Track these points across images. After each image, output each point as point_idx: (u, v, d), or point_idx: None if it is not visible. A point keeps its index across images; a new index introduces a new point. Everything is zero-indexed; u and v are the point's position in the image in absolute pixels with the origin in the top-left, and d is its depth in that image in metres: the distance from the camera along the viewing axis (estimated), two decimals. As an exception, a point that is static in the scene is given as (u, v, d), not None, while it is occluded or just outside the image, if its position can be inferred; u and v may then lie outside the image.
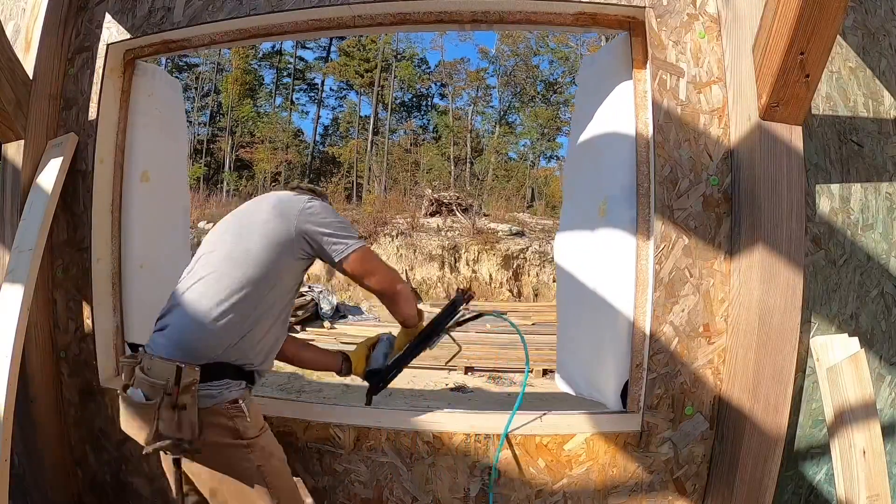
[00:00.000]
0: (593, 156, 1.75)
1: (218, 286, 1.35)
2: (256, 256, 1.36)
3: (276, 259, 1.38)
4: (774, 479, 1.40)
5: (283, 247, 1.39)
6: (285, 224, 1.40)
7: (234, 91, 27.51)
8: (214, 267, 1.38)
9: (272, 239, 1.38)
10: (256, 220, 1.42)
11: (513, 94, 29.59)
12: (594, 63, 1.83)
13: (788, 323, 1.36)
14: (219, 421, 1.30)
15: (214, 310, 1.33)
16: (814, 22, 1.18)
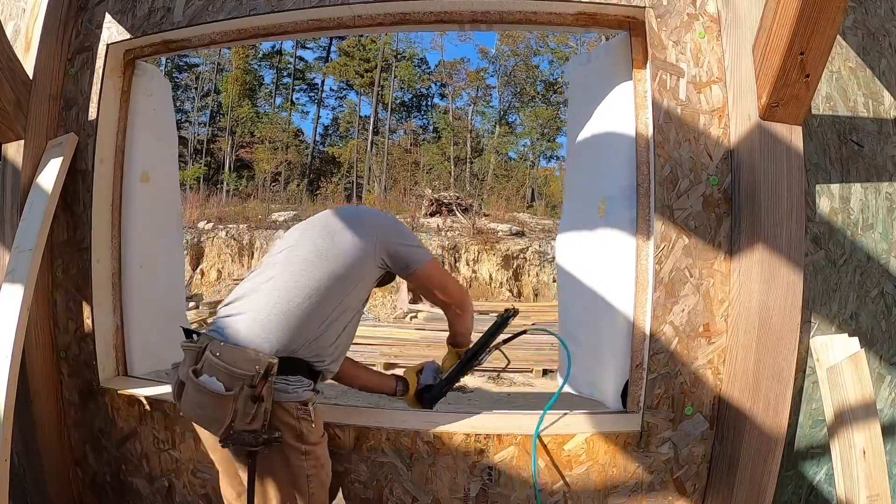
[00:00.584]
0: (592, 156, 1.75)
1: (304, 278, 1.37)
2: (343, 256, 1.41)
3: (360, 264, 1.43)
4: (774, 479, 1.40)
5: (365, 253, 1.44)
6: (368, 232, 1.46)
7: (234, 91, 27.51)
8: (300, 260, 1.41)
9: (357, 244, 1.44)
10: (342, 225, 1.48)
11: (513, 94, 29.60)
12: (589, 62, 1.82)
13: (788, 323, 1.36)
14: (286, 419, 1.30)
15: (299, 301, 1.34)
16: (814, 22, 1.18)
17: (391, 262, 1.49)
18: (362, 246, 1.44)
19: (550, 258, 13.97)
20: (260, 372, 1.23)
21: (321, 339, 1.38)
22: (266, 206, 18.43)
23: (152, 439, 1.85)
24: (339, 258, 1.41)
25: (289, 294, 1.35)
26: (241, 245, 13.22)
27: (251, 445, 1.24)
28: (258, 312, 1.35)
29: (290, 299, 1.34)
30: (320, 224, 1.52)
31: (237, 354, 1.27)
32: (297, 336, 1.33)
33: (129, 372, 2.00)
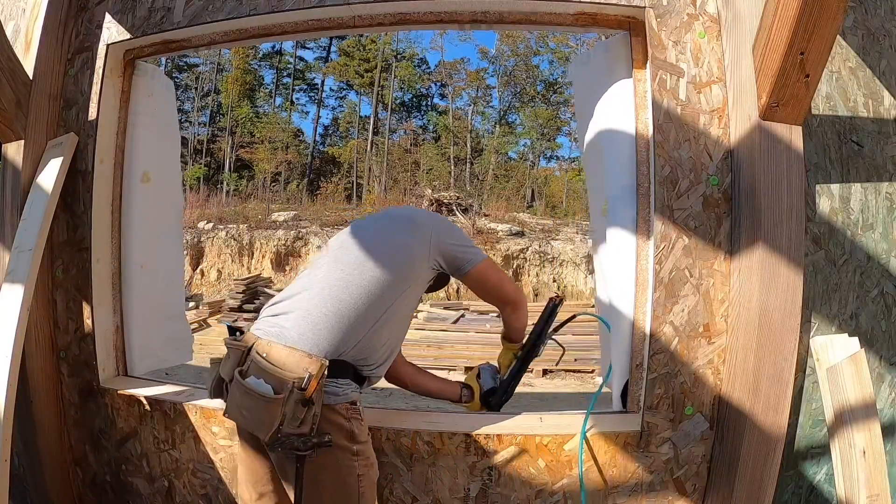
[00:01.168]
0: (597, 156, 1.75)
1: (355, 279, 1.35)
2: (395, 257, 1.40)
3: (412, 265, 1.42)
4: (774, 479, 1.40)
5: (419, 254, 1.43)
6: (421, 233, 1.45)
7: (234, 91, 27.51)
8: (351, 261, 1.39)
9: (410, 244, 1.43)
10: (395, 227, 1.48)
11: (513, 94, 29.60)
12: (588, 62, 1.81)
13: (788, 323, 1.36)
14: (337, 421, 1.27)
15: (350, 302, 1.32)
16: (814, 22, 1.18)
17: (445, 264, 1.47)
18: (415, 247, 1.43)
19: (550, 258, 13.98)
20: (310, 375, 1.20)
21: (370, 341, 1.35)
22: (266, 206, 18.43)
23: (152, 439, 1.85)
24: (392, 259, 1.39)
25: (339, 295, 1.33)
26: (241, 245, 13.22)
27: (301, 450, 1.20)
28: (307, 313, 1.32)
29: (341, 300, 1.32)
30: (372, 225, 1.52)
31: (286, 356, 1.24)
32: (347, 338, 1.31)
33: (129, 372, 2.00)
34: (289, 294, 1.40)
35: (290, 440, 1.18)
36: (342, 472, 1.28)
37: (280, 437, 1.18)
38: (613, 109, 1.66)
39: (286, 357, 1.24)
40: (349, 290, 1.34)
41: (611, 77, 1.67)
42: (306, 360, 1.23)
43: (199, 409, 1.78)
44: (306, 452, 1.20)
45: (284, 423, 1.17)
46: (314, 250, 13.03)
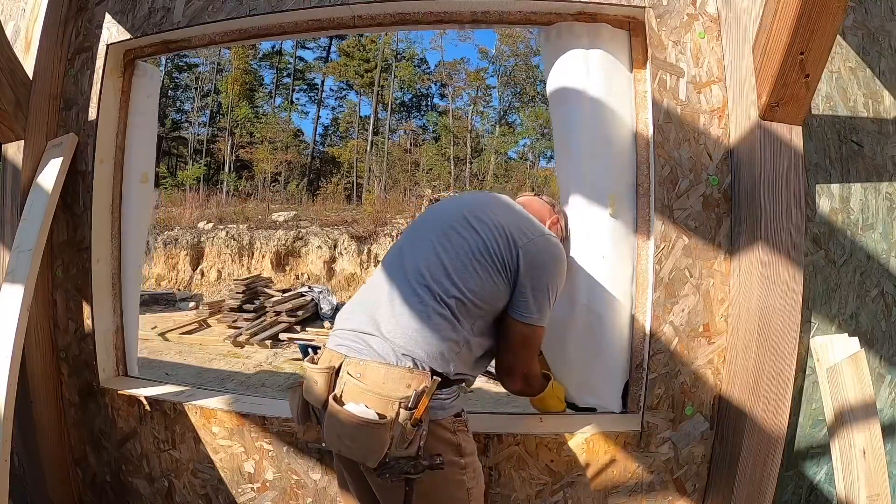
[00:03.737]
0: None
1: (447, 284, 1.20)
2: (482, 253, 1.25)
3: (496, 278, 1.25)
4: (774, 478, 1.40)
5: (501, 271, 1.25)
6: (509, 250, 1.25)
7: (234, 91, 27.50)
8: (438, 262, 1.23)
9: (493, 260, 1.24)
10: (485, 235, 1.26)
11: (513, 94, 29.60)
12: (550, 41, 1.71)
13: (788, 323, 1.36)
14: (444, 436, 1.17)
15: (446, 309, 1.19)
16: (814, 22, 1.18)
17: (510, 287, 1.27)
18: (499, 257, 1.26)
19: (550, 258, 13.93)
20: (417, 393, 1.09)
21: (468, 348, 1.23)
22: (266, 206, 18.42)
23: (152, 439, 1.85)
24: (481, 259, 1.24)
25: (432, 305, 1.18)
26: (240, 245, 13.21)
27: (412, 474, 1.10)
28: (395, 321, 1.18)
29: (436, 311, 1.18)
30: (459, 219, 1.31)
31: (383, 374, 1.13)
32: (448, 350, 1.18)
33: (128, 372, 2.00)
34: (367, 301, 1.28)
35: (399, 465, 1.09)
36: (451, 487, 1.19)
37: (388, 462, 1.08)
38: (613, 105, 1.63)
39: (384, 375, 1.12)
40: (450, 295, 1.20)
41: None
42: (407, 376, 1.12)
43: (199, 409, 1.78)
44: (417, 476, 1.10)
45: (392, 448, 1.08)
46: (314, 250, 13.03)
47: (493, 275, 1.24)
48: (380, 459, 1.08)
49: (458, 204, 1.41)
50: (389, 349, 1.16)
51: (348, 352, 1.20)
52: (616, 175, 1.62)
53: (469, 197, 1.46)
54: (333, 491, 1.69)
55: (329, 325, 9.15)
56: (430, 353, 1.16)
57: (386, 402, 1.10)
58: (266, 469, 1.74)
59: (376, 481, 1.18)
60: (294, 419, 1.29)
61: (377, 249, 12.77)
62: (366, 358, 1.16)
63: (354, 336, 1.22)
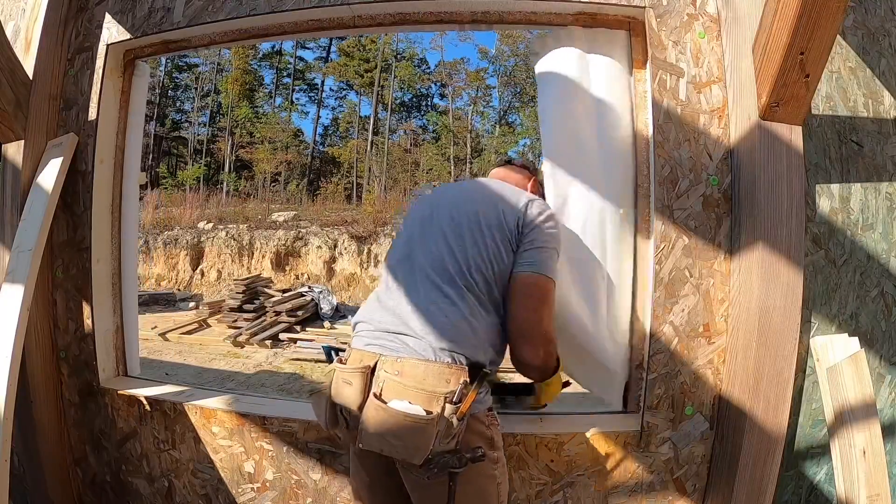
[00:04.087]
0: None
1: (466, 272, 1.21)
2: (492, 245, 1.25)
3: (506, 254, 1.25)
4: (774, 478, 1.40)
5: (507, 243, 1.25)
6: (508, 222, 1.26)
7: (234, 91, 27.50)
8: (451, 252, 1.24)
9: (500, 235, 1.25)
10: (485, 214, 1.27)
11: (513, 94, 29.60)
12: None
13: (788, 323, 1.36)
14: (479, 429, 1.18)
15: (471, 297, 1.19)
16: (814, 22, 1.18)
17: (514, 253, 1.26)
18: (504, 236, 1.26)
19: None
20: (461, 386, 1.10)
21: (500, 340, 1.23)
22: (266, 206, 18.42)
23: (152, 439, 1.85)
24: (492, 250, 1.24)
25: (462, 299, 1.18)
26: (240, 245, 13.21)
27: (456, 467, 1.10)
28: (426, 318, 1.18)
29: (468, 304, 1.18)
30: (466, 207, 1.31)
31: (423, 370, 1.12)
32: (482, 342, 1.19)
33: (128, 372, 2.00)
34: (390, 297, 1.27)
35: (444, 459, 1.09)
36: (483, 482, 1.19)
37: (432, 457, 1.08)
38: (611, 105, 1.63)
39: (424, 372, 1.12)
40: (475, 289, 1.21)
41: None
42: (446, 371, 1.12)
43: (199, 410, 1.78)
44: (461, 469, 1.10)
45: (436, 443, 1.08)
46: (314, 250, 13.02)
47: (502, 242, 1.24)
48: (426, 456, 1.08)
49: (449, 192, 1.42)
50: (426, 345, 1.15)
51: (382, 350, 1.18)
52: (623, 177, 1.61)
53: (454, 186, 1.47)
54: (333, 491, 1.69)
55: (329, 325, 9.15)
56: (467, 344, 1.16)
57: (430, 398, 1.10)
58: (266, 469, 1.74)
59: (414, 480, 1.17)
60: (322, 424, 1.26)
61: (377, 249, 12.76)
62: (403, 355, 1.15)
63: (386, 335, 1.21)
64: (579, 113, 1.62)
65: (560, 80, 1.64)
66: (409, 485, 1.20)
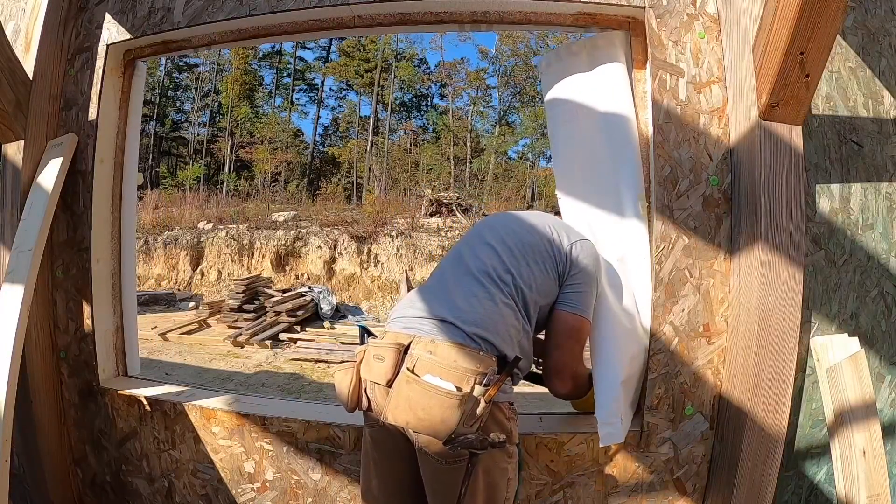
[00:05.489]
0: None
1: (508, 277, 1.30)
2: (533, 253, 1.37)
3: (553, 284, 1.37)
4: (774, 478, 1.40)
5: (556, 274, 1.37)
6: (559, 250, 1.38)
7: (234, 91, 27.50)
8: (499, 259, 1.34)
9: (550, 265, 1.37)
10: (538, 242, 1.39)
11: (513, 94, 29.60)
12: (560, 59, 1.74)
13: (788, 323, 1.36)
14: (500, 420, 1.20)
15: (510, 298, 1.28)
16: (814, 22, 1.18)
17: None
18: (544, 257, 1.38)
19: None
20: (493, 370, 1.16)
21: (525, 337, 1.29)
22: (266, 206, 18.41)
23: (152, 439, 1.85)
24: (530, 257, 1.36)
25: (495, 293, 1.27)
26: (241, 245, 13.20)
27: (478, 448, 1.14)
28: (464, 308, 1.25)
29: (499, 297, 1.27)
30: (515, 224, 1.45)
31: (455, 351, 1.17)
32: (512, 335, 1.25)
33: (128, 372, 2.00)
34: (435, 286, 1.36)
35: (466, 439, 1.13)
36: (496, 474, 1.21)
37: (456, 435, 1.12)
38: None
39: (457, 353, 1.17)
40: (507, 284, 1.31)
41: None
42: (477, 356, 1.18)
43: (199, 410, 1.78)
44: (482, 452, 1.15)
45: (461, 423, 1.12)
46: (314, 250, 13.02)
47: (548, 271, 1.36)
48: (450, 433, 1.12)
49: (507, 216, 1.53)
50: (460, 331, 1.21)
51: (418, 332, 1.24)
52: (639, 175, 1.60)
53: (513, 212, 1.55)
54: (333, 491, 1.69)
55: (329, 325, 9.15)
56: (499, 336, 1.22)
57: (462, 376, 1.14)
58: (266, 469, 1.74)
59: (431, 466, 1.20)
60: (344, 402, 1.27)
61: (377, 249, 12.76)
62: (437, 337, 1.21)
63: (422, 321, 1.27)
64: (588, 129, 1.65)
65: (565, 105, 1.70)
66: (426, 470, 1.23)
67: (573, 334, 1.36)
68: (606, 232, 1.62)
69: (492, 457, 1.18)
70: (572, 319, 1.35)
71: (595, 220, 1.65)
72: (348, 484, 1.68)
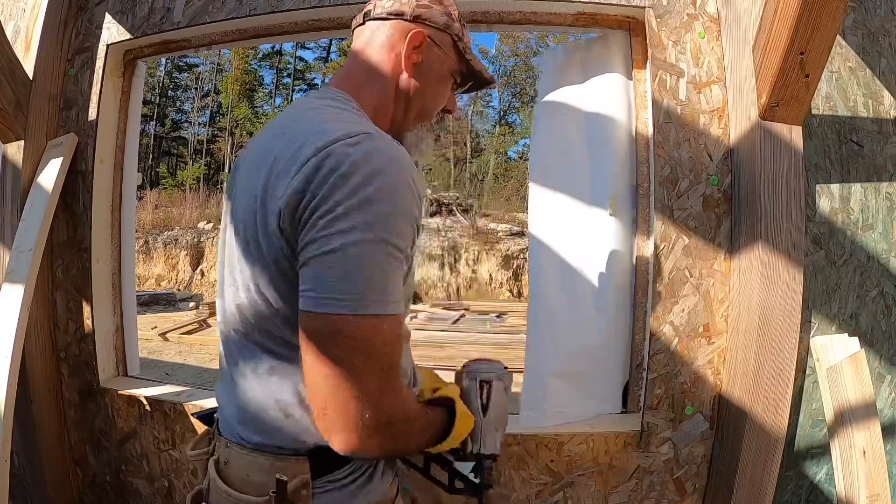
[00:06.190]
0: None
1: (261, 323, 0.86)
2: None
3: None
4: (774, 479, 1.40)
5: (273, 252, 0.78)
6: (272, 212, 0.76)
7: (234, 91, 27.51)
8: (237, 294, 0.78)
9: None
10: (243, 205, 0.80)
11: (513, 94, 29.62)
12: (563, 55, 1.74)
13: (788, 323, 1.36)
14: None
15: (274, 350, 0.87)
16: (814, 22, 1.18)
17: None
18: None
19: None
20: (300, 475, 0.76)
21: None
22: (266, 206, 18.37)
23: (152, 439, 1.85)
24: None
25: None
26: (240, 245, 13.20)
27: None
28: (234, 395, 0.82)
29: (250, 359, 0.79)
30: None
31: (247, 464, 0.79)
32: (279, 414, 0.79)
33: (128, 372, 2.00)
34: None
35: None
36: None
37: None
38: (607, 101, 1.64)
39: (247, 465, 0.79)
40: None
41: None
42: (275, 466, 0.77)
43: (199, 410, 1.78)
44: None
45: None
46: (314, 250, 13.02)
47: (260, 250, 0.73)
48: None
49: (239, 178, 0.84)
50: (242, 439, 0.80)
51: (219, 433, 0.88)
52: (615, 176, 1.63)
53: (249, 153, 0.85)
54: (333, 491, 1.70)
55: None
56: (287, 430, 0.76)
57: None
58: (266, 469, 1.74)
59: None
60: None
61: (377, 249, 12.75)
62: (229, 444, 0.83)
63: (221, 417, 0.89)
64: (566, 121, 1.66)
65: (552, 101, 1.69)
66: None
67: (329, 348, 0.66)
68: (574, 224, 1.63)
69: None
70: (319, 323, 0.66)
71: (564, 211, 1.65)
72: (348, 484, 1.68)
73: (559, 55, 1.72)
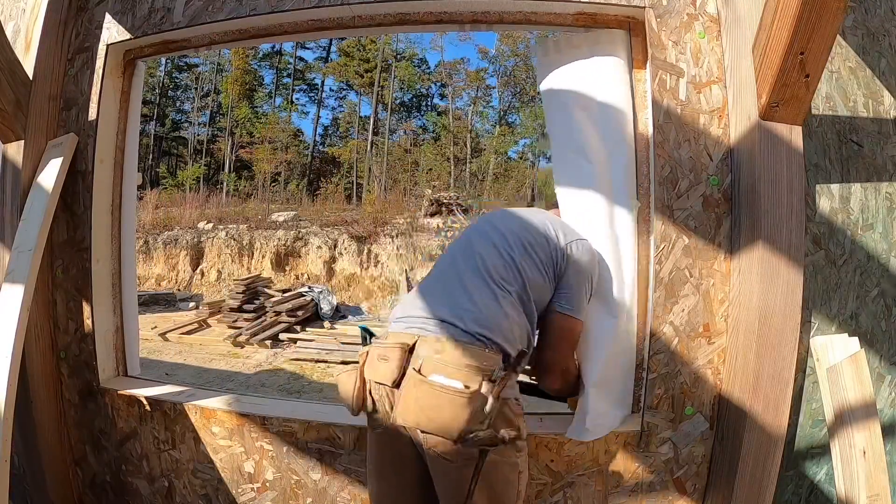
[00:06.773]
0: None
1: (508, 276, 1.31)
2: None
3: (549, 279, 1.39)
4: (774, 478, 1.40)
5: (552, 270, 1.39)
6: (556, 249, 1.40)
7: (234, 91, 27.50)
8: (499, 257, 1.35)
9: (546, 259, 1.39)
10: (534, 231, 1.42)
11: (513, 94, 29.59)
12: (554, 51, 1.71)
13: (788, 323, 1.36)
14: (509, 416, 1.20)
15: (510, 296, 1.29)
16: (814, 22, 1.18)
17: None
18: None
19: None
20: (496, 365, 1.17)
21: (523, 327, 1.30)
22: (266, 206, 18.41)
23: (152, 439, 1.85)
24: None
25: (501, 292, 1.28)
26: (241, 245, 13.20)
27: (489, 445, 1.16)
28: (466, 306, 1.26)
29: (495, 290, 1.28)
30: (511, 223, 1.45)
31: (461, 351, 1.18)
32: (521, 335, 1.27)
33: (128, 372, 2.00)
34: (433, 286, 1.37)
35: (477, 437, 1.13)
36: (506, 469, 1.21)
37: (466, 434, 1.13)
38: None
39: (462, 352, 1.18)
40: (514, 282, 1.32)
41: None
42: (482, 354, 1.19)
43: (199, 410, 1.78)
44: (493, 448, 1.16)
45: (470, 421, 1.13)
46: (314, 250, 13.01)
47: (545, 270, 1.36)
48: (460, 432, 1.12)
49: (506, 213, 1.53)
50: (462, 331, 1.22)
51: (422, 332, 1.25)
52: (630, 177, 1.60)
53: (512, 210, 1.56)
54: (333, 491, 1.70)
55: (329, 325, 9.15)
56: (502, 333, 1.23)
57: (469, 374, 1.15)
58: (266, 469, 1.74)
59: (442, 464, 1.19)
60: (348, 405, 1.28)
61: (377, 249, 12.75)
62: (442, 337, 1.22)
63: (426, 320, 1.28)
64: (582, 120, 1.63)
65: (561, 93, 1.66)
66: (436, 470, 1.22)
67: (565, 335, 1.39)
68: (597, 223, 1.59)
69: (502, 452, 1.19)
70: (565, 321, 1.37)
71: (586, 208, 1.61)
72: (348, 484, 1.68)
73: (563, 47, 1.67)
